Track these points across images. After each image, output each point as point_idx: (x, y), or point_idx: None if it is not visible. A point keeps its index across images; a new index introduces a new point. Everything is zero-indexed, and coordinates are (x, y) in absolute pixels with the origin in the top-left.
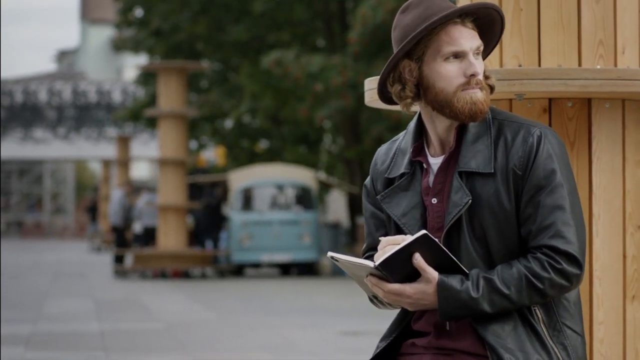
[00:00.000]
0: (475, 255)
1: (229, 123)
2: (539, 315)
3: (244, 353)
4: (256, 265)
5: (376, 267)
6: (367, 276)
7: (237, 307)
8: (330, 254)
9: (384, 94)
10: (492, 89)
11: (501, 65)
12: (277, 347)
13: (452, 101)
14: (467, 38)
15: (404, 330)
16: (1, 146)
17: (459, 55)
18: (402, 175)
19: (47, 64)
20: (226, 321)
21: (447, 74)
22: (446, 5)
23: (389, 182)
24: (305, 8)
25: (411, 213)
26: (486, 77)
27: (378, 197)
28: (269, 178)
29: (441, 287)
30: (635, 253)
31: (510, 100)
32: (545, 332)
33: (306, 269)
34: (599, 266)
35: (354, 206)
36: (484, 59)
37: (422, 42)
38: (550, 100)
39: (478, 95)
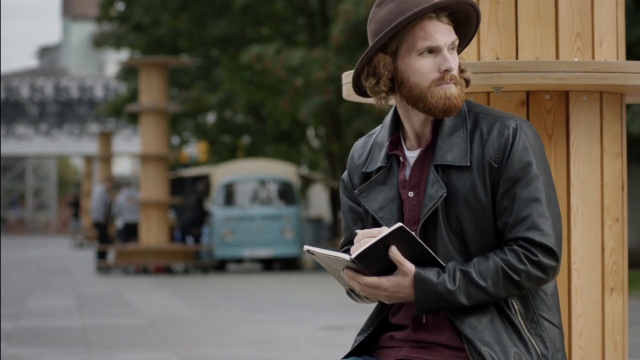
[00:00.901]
0: (451, 248)
1: (211, 118)
2: (516, 308)
3: (227, 348)
4: (239, 261)
5: (352, 260)
6: (343, 269)
7: (219, 303)
8: (306, 247)
9: (358, 88)
10: (467, 82)
11: (479, 58)
12: (260, 342)
13: (426, 96)
14: (441, 33)
15: (381, 323)
16: None
17: (433, 50)
18: (379, 169)
19: (28, 60)
20: (209, 317)
21: (421, 69)
22: (421, 0)
23: (366, 176)
24: (287, 3)
25: (388, 206)
26: (461, 71)
27: (355, 191)
28: (251, 173)
29: (418, 279)
30: (614, 245)
31: (488, 93)
32: (523, 325)
33: (288, 264)
34: (577, 259)
35: (336, 201)
36: (459, 53)
37: (397, 37)
38: (528, 93)
39: (452, 90)
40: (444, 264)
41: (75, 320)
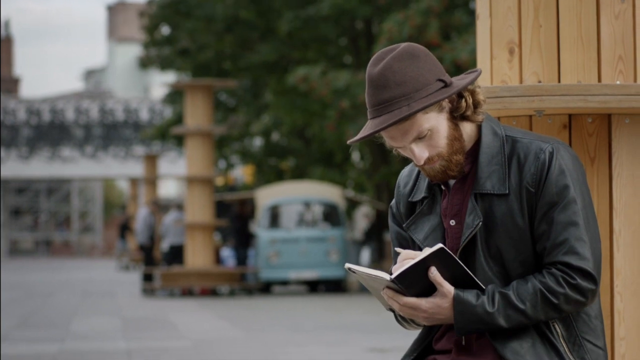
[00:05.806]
0: (490, 274)
1: (257, 141)
2: (558, 331)
3: None
4: (284, 283)
5: (392, 280)
6: (383, 289)
7: (265, 325)
8: (347, 265)
9: None
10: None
11: (521, 82)
12: None
13: (422, 169)
14: (399, 137)
15: (425, 348)
16: (22, 165)
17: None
18: (423, 199)
19: (74, 83)
20: (254, 339)
21: (408, 156)
22: (370, 100)
23: (411, 205)
24: (332, 26)
25: (432, 235)
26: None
27: (404, 225)
28: (296, 195)
29: (457, 301)
30: None
31: (530, 116)
32: (565, 348)
33: (334, 286)
34: (620, 282)
35: (381, 223)
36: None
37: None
38: (570, 116)
39: (436, 168)
40: (484, 287)
41: (121, 343)
